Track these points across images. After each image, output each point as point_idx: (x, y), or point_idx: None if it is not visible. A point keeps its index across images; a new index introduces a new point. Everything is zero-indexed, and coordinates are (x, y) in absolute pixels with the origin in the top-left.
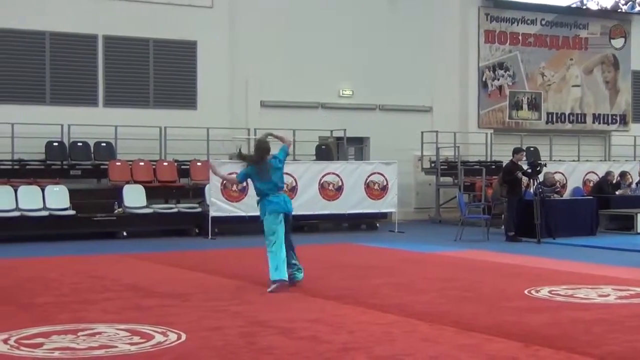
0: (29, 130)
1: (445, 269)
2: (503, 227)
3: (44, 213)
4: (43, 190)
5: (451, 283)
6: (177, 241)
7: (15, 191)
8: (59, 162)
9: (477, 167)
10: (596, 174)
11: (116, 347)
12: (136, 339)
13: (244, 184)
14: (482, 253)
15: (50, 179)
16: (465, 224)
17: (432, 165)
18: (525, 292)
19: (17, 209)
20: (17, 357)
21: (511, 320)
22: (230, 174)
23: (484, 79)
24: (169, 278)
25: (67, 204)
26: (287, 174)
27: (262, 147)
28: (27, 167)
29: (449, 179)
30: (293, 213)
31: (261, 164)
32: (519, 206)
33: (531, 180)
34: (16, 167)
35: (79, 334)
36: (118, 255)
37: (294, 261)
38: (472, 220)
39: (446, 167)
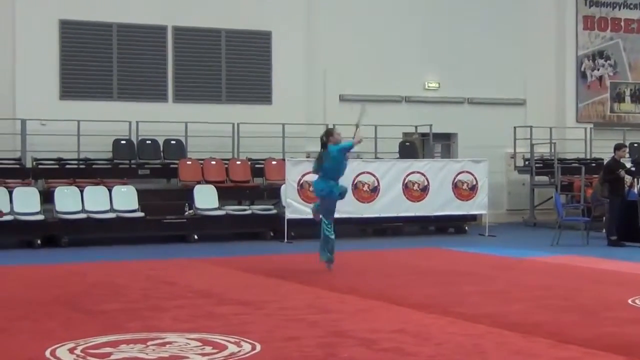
0: (95, 128)
1: (541, 276)
2: (604, 230)
3: (111, 215)
4: (110, 191)
5: (547, 291)
6: (251, 245)
7: (82, 192)
8: (126, 161)
9: (576, 165)
10: None
11: (187, 357)
12: (208, 349)
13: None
14: (581, 259)
15: (118, 179)
16: (562, 227)
17: (526, 163)
18: (629, 301)
19: (83, 210)
20: None
21: (613, 332)
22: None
23: (582, 69)
24: (243, 284)
25: (135, 205)
26: (368, 173)
27: (322, 135)
28: (94, 166)
29: (544, 178)
30: (375, 215)
31: (322, 150)
32: (621, 207)
33: (635, 179)
34: (82, 166)
35: (149, 343)
36: (189, 260)
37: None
38: (570, 223)
39: (541, 165)
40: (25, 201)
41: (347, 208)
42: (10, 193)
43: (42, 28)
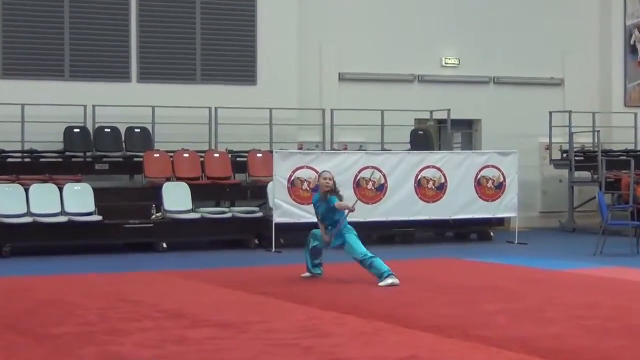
0: (43, 113)
1: (581, 292)
2: None
3: (62, 218)
4: (61, 190)
5: (589, 310)
6: (231, 255)
7: (26, 191)
8: (80, 153)
9: (623, 157)
10: None
11: None
12: None
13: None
14: (629, 271)
15: (70, 175)
16: (607, 232)
17: (564, 155)
18: None
19: (29, 213)
20: None
21: None
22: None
23: (632, 42)
24: (221, 302)
25: (91, 207)
26: (373, 167)
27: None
28: (41, 159)
29: (586, 174)
30: (381, 218)
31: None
32: None
33: None
34: (27, 159)
35: None
36: (156, 273)
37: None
38: (617, 228)
39: (582, 158)
40: None
41: None
42: None
43: None
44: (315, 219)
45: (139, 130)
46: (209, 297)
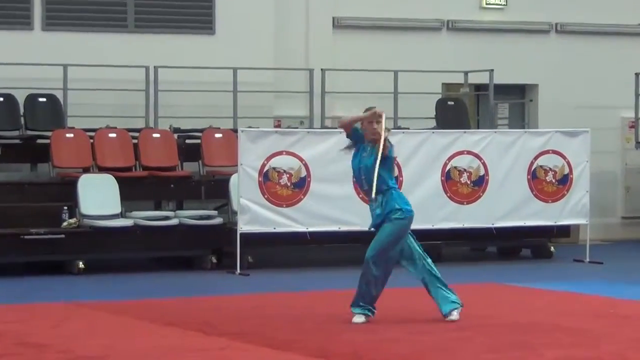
0: None
1: None
2: None
3: None
4: None
5: None
6: (178, 279)
7: None
8: None
9: None
10: None
11: None
12: None
13: None
14: None
15: None
16: None
17: None
18: None
19: None
20: None
21: None
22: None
23: None
24: (165, 348)
25: None
26: None
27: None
28: None
29: None
30: None
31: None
32: None
33: None
34: None
35: None
36: (71, 305)
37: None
38: None
39: None
40: None
41: (347, 216)
42: None
43: None
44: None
45: (44, 99)
46: (145, 340)
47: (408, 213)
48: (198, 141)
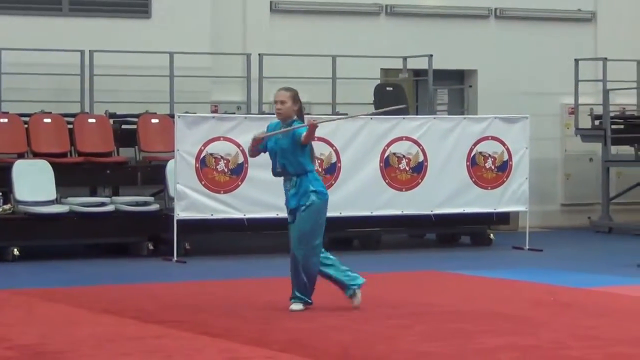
0: None
1: (622, 320)
2: None
3: None
4: None
5: (634, 347)
6: (114, 266)
7: None
8: None
9: None
10: None
11: None
12: None
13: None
14: None
15: None
16: None
17: (596, 123)
18: None
19: None
20: None
21: None
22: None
23: None
24: (102, 336)
25: None
26: (321, 140)
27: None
28: None
29: (627, 150)
30: (332, 214)
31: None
32: None
33: None
34: None
35: None
36: (6, 292)
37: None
38: None
39: (622, 126)
40: None
41: (281, 202)
42: None
43: None
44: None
45: None
46: (82, 328)
47: (323, 196)
48: (134, 126)
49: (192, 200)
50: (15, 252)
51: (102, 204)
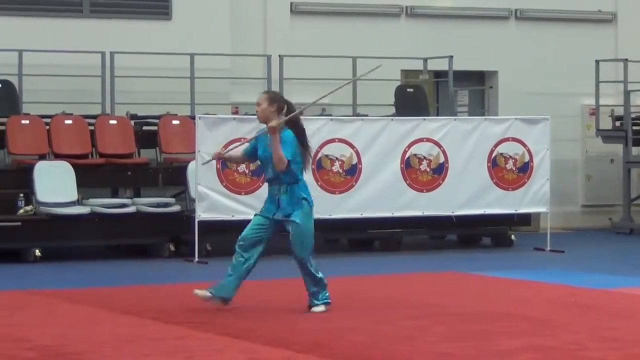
0: None
1: None
2: None
3: None
4: None
5: None
6: (136, 267)
7: None
8: None
9: None
10: None
11: None
12: None
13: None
14: None
15: None
16: None
17: (617, 124)
18: None
19: None
20: None
21: None
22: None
23: None
24: (123, 337)
25: None
26: (341, 141)
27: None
28: None
29: None
30: (352, 215)
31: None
32: None
33: None
34: None
35: None
36: (27, 293)
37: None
38: None
39: None
40: None
41: None
42: None
43: None
44: None
45: None
46: (104, 328)
47: (311, 202)
48: (155, 128)
49: (213, 202)
50: (37, 253)
51: (124, 205)
